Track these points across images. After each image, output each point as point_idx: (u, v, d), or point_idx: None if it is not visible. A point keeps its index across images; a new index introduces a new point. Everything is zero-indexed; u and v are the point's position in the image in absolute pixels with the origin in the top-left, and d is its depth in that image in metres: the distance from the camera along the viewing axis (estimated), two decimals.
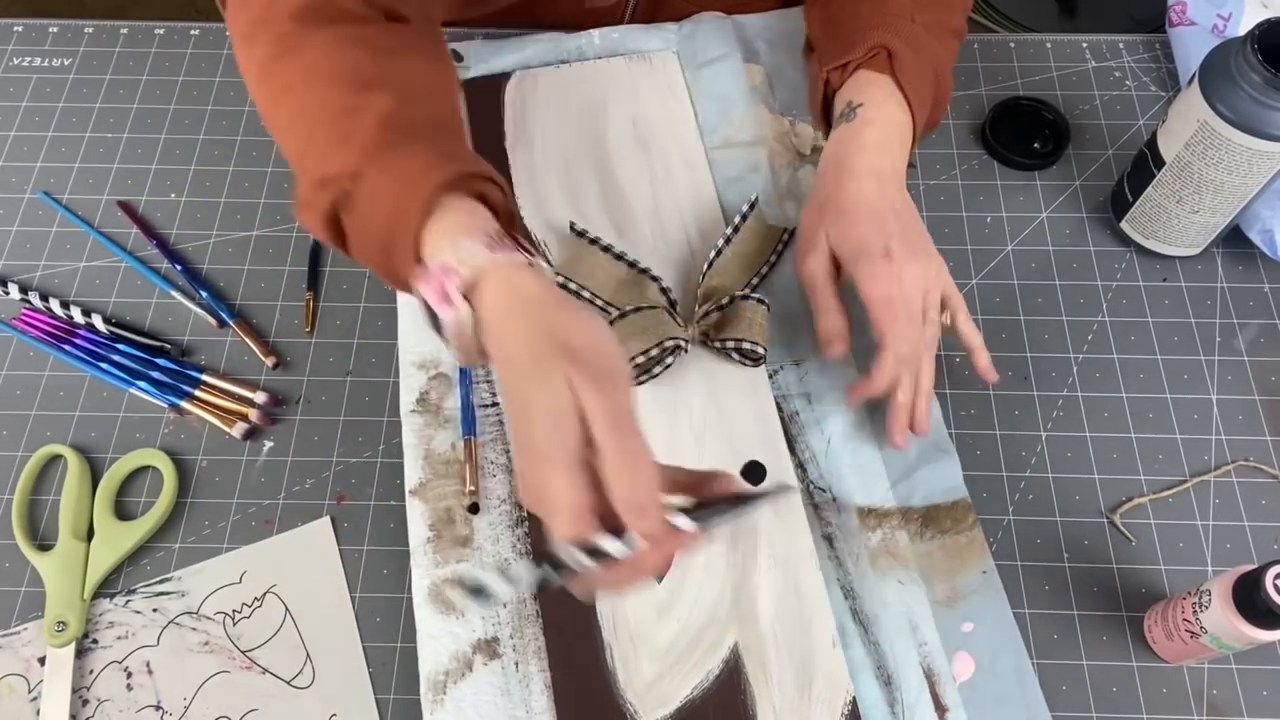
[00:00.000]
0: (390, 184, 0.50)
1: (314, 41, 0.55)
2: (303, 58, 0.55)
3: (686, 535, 0.44)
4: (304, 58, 0.55)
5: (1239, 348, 0.70)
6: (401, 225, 0.49)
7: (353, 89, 0.53)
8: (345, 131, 0.52)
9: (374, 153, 0.51)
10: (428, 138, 0.53)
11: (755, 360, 0.67)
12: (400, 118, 0.52)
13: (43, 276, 0.74)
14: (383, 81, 0.54)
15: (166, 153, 0.79)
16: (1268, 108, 0.60)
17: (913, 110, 0.66)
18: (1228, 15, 0.78)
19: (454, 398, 0.67)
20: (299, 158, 0.54)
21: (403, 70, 0.56)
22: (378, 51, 0.56)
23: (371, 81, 0.54)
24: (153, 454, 0.66)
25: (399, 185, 0.50)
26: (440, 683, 0.58)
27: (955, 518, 0.63)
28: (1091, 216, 0.76)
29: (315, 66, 0.54)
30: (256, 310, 0.72)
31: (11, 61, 0.84)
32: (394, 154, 0.51)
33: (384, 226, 0.50)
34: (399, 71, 0.55)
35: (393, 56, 0.56)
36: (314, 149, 0.53)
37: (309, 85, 0.54)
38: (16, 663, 0.60)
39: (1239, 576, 0.53)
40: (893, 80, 0.66)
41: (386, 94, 0.53)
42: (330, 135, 0.53)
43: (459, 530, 0.63)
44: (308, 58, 0.55)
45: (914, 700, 0.58)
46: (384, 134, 0.51)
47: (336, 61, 0.54)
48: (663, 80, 0.80)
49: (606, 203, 0.74)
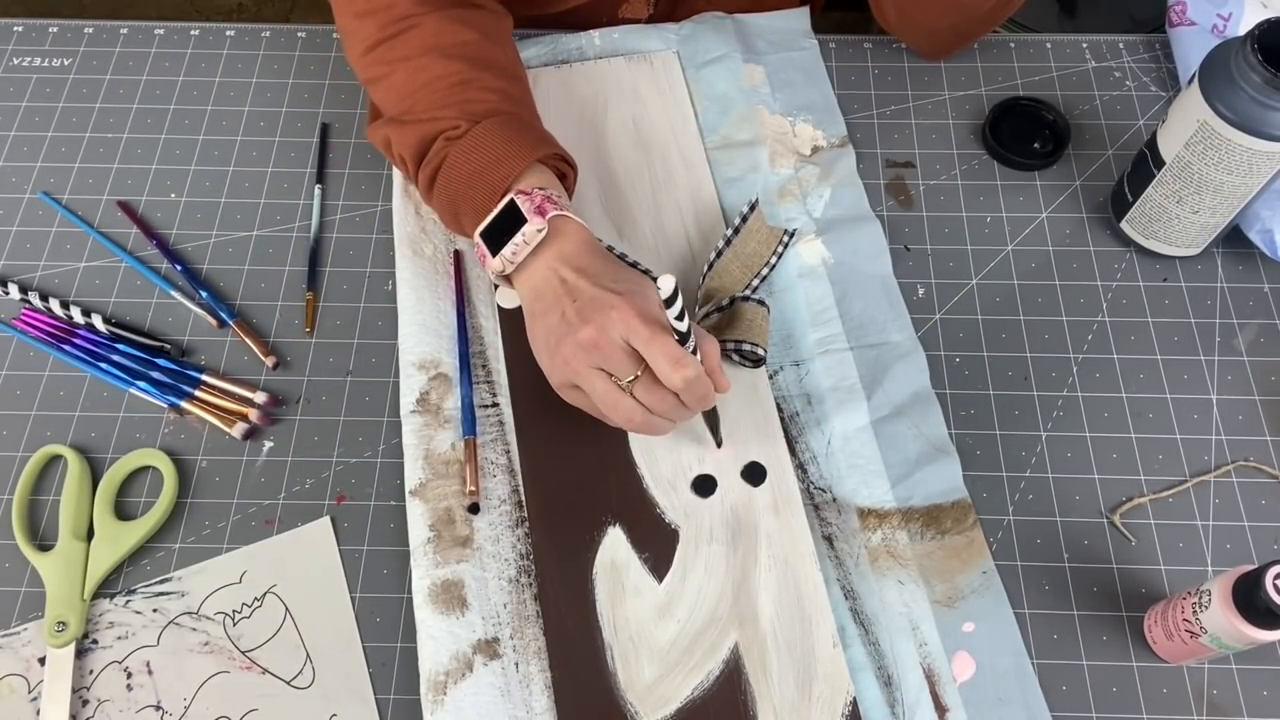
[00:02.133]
0: (506, 139, 0.63)
1: (428, 22, 0.68)
2: (420, 34, 0.67)
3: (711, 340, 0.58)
4: (421, 34, 0.67)
5: (1239, 348, 0.70)
6: (503, 168, 0.63)
7: (468, 65, 0.67)
8: (463, 98, 0.66)
9: (488, 115, 0.65)
10: (531, 115, 0.68)
11: (756, 361, 0.67)
12: (514, 95, 0.67)
13: (43, 276, 0.74)
14: (491, 62, 0.68)
15: (166, 153, 0.79)
16: (1268, 108, 0.60)
17: None
18: (1228, 15, 0.78)
19: (454, 398, 0.67)
20: (411, 97, 0.67)
21: (503, 54, 0.70)
22: (483, 34, 0.69)
23: (482, 61, 0.67)
24: (153, 454, 0.66)
25: (514, 142, 0.63)
26: (440, 683, 0.58)
27: (955, 518, 0.63)
28: (1091, 216, 0.76)
29: (430, 42, 0.67)
30: (256, 310, 0.72)
31: (11, 61, 0.84)
32: (509, 119, 0.65)
33: (486, 164, 0.63)
34: (500, 54, 0.69)
35: (494, 41, 0.70)
36: (427, 100, 0.66)
37: (428, 56, 0.67)
38: (16, 663, 0.60)
39: (1239, 576, 0.53)
40: None
41: (496, 73, 0.67)
42: (448, 97, 0.66)
43: (459, 530, 0.63)
44: (424, 35, 0.67)
45: (914, 700, 0.58)
46: (504, 104, 0.66)
47: (450, 40, 0.67)
48: (663, 80, 0.80)
49: (606, 203, 0.74)
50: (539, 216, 0.61)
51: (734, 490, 0.64)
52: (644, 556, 0.62)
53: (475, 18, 0.70)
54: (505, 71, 0.69)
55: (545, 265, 0.61)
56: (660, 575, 0.61)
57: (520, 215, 0.61)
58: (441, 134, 0.65)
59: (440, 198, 0.66)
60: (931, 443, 0.65)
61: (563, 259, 0.61)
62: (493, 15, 0.72)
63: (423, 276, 0.71)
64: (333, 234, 0.76)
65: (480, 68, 0.67)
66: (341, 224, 0.76)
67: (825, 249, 0.72)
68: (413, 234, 0.73)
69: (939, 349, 0.70)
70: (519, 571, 0.62)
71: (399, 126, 0.66)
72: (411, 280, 0.71)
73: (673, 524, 0.63)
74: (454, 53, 0.67)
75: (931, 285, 0.73)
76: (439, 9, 0.68)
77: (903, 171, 0.78)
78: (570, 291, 0.60)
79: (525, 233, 0.61)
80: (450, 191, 0.65)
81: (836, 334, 0.69)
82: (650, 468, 0.65)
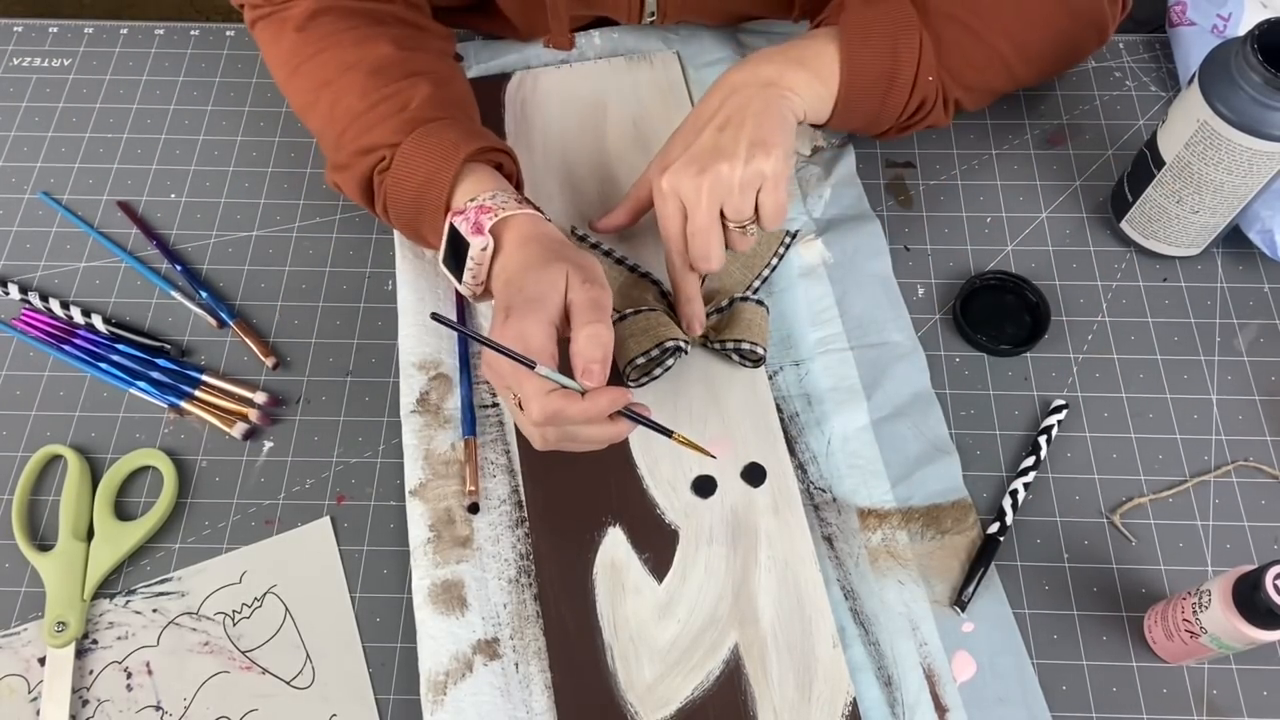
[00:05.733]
0: (427, 153, 0.62)
1: (342, 41, 0.67)
2: (335, 56, 0.66)
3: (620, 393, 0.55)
4: (335, 56, 0.66)
5: (1239, 348, 0.70)
6: (435, 185, 0.62)
7: (386, 80, 0.65)
8: (383, 114, 0.64)
9: (411, 128, 0.63)
10: (455, 117, 0.65)
11: (755, 361, 0.67)
12: (433, 99, 0.65)
13: (43, 276, 0.74)
14: (412, 71, 0.66)
15: (166, 153, 0.79)
16: (1268, 108, 0.60)
17: (843, 56, 0.65)
18: (1228, 15, 0.78)
19: (454, 398, 0.67)
20: (338, 135, 0.66)
21: (422, 62, 0.67)
22: (399, 46, 0.67)
23: (401, 73, 0.66)
24: (153, 454, 0.66)
25: (435, 154, 0.62)
26: (440, 683, 0.58)
27: (955, 518, 0.63)
28: (1091, 216, 0.76)
29: (348, 62, 0.66)
30: (256, 310, 0.72)
31: (11, 61, 0.84)
32: (428, 129, 0.63)
33: (419, 186, 0.62)
34: (420, 63, 0.67)
35: (413, 51, 0.68)
36: (355, 126, 0.64)
37: (345, 76, 0.66)
38: (16, 663, 0.60)
39: (1239, 576, 0.53)
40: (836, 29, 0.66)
41: (418, 82, 0.65)
42: (371, 116, 0.64)
43: (459, 530, 0.63)
44: (339, 55, 0.66)
45: (914, 701, 0.58)
46: (421, 111, 0.64)
47: (369, 57, 0.66)
48: (663, 80, 0.80)
49: (607, 204, 0.74)
50: (478, 234, 0.59)
51: (734, 491, 0.64)
52: (644, 557, 0.62)
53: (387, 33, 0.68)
54: (424, 74, 0.66)
55: (496, 279, 0.61)
56: (660, 576, 0.61)
57: (460, 237, 0.60)
58: (374, 169, 0.64)
59: (403, 232, 0.67)
60: (932, 442, 0.65)
61: (502, 271, 0.60)
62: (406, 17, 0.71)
63: (423, 276, 0.71)
64: (332, 234, 0.76)
65: (397, 78, 0.65)
66: (341, 224, 0.76)
67: (825, 249, 0.72)
68: None
69: (939, 349, 0.70)
70: (519, 572, 0.62)
71: (340, 173, 0.66)
72: (411, 280, 0.71)
73: (673, 524, 0.63)
74: (371, 67, 0.66)
75: (931, 285, 0.73)
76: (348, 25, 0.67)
77: (903, 171, 0.78)
78: (497, 309, 0.59)
79: (473, 256, 0.60)
80: (404, 223, 0.65)
81: (836, 334, 0.69)
82: (650, 468, 0.65)
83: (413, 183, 0.62)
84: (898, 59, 0.65)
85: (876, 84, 0.65)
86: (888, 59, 0.65)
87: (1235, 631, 0.52)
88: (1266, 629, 0.52)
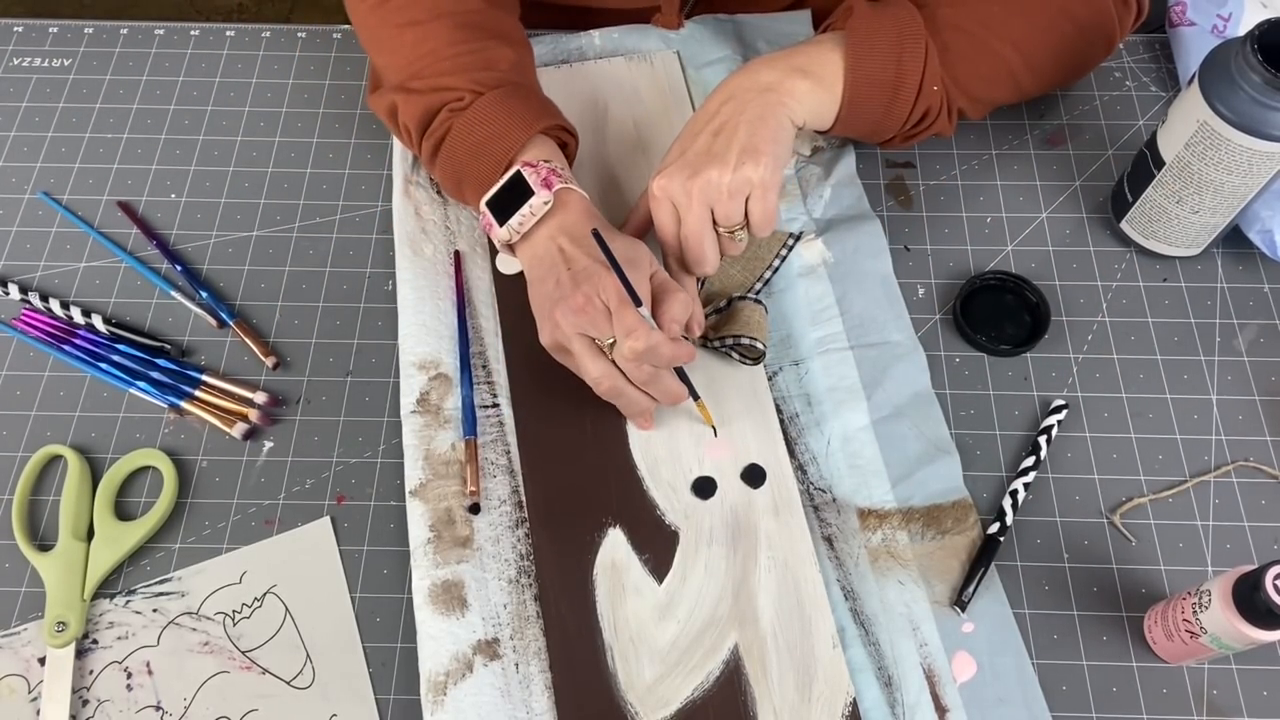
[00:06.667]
0: (509, 111, 0.65)
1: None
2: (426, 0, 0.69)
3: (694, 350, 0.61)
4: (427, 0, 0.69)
5: (1239, 348, 0.70)
6: (505, 140, 0.65)
7: (474, 35, 0.68)
8: (469, 64, 0.67)
9: (497, 84, 0.66)
10: (535, 88, 0.70)
11: (755, 358, 0.67)
12: (518, 65, 0.69)
13: (43, 276, 0.74)
14: (496, 30, 0.70)
15: (166, 153, 0.79)
16: (1268, 108, 0.60)
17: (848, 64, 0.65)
18: (1228, 15, 0.78)
19: (454, 398, 0.67)
20: (416, 69, 0.68)
21: (508, 22, 0.72)
22: (489, 3, 0.71)
23: (489, 32, 0.69)
24: (153, 454, 0.66)
25: (515, 114, 0.65)
26: (440, 683, 0.58)
27: (955, 518, 0.63)
28: (1091, 216, 0.76)
29: (439, 7, 0.69)
30: (256, 310, 0.72)
31: (11, 61, 0.84)
32: (514, 90, 0.66)
33: (489, 136, 0.65)
34: (505, 22, 0.72)
35: (499, 7, 0.72)
36: (437, 67, 0.67)
37: (437, 21, 0.68)
38: (16, 663, 0.60)
39: (1239, 576, 0.53)
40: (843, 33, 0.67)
41: (501, 42, 0.69)
42: (457, 63, 0.67)
43: (459, 530, 0.63)
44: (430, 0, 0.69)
45: (914, 701, 0.58)
46: (508, 75, 0.67)
47: (458, 6, 0.69)
48: (664, 81, 0.80)
49: (607, 203, 0.74)
50: (545, 189, 0.63)
51: (734, 492, 0.64)
52: (644, 557, 0.62)
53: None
54: (510, 40, 0.70)
55: (547, 235, 0.64)
56: (660, 576, 0.61)
57: (524, 186, 0.64)
58: (446, 105, 0.66)
59: (444, 167, 0.68)
60: (932, 442, 0.65)
61: (563, 229, 0.63)
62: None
63: (423, 276, 0.71)
64: (332, 234, 0.76)
65: (486, 36, 0.68)
66: (341, 224, 0.76)
67: (825, 248, 0.72)
68: (413, 234, 0.73)
69: (939, 349, 0.70)
70: (519, 572, 0.62)
71: (405, 95, 0.68)
72: (411, 280, 0.71)
73: (673, 525, 0.63)
74: (461, 20, 0.68)
75: (931, 285, 0.73)
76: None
77: (903, 171, 0.78)
78: (567, 260, 0.62)
79: (533, 205, 0.63)
80: (455, 162, 0.67)
81: (836, 333, 0.69)
82: (650, 469, 0.65)
83: (484, 131, 0.65)
84: (903, 68, 0.65)
85: (881, 93, 0.66)
86: (892, 68, 0.65)
87: (1235, 631, 0.52)
88: (1266, 629, 0.52)
